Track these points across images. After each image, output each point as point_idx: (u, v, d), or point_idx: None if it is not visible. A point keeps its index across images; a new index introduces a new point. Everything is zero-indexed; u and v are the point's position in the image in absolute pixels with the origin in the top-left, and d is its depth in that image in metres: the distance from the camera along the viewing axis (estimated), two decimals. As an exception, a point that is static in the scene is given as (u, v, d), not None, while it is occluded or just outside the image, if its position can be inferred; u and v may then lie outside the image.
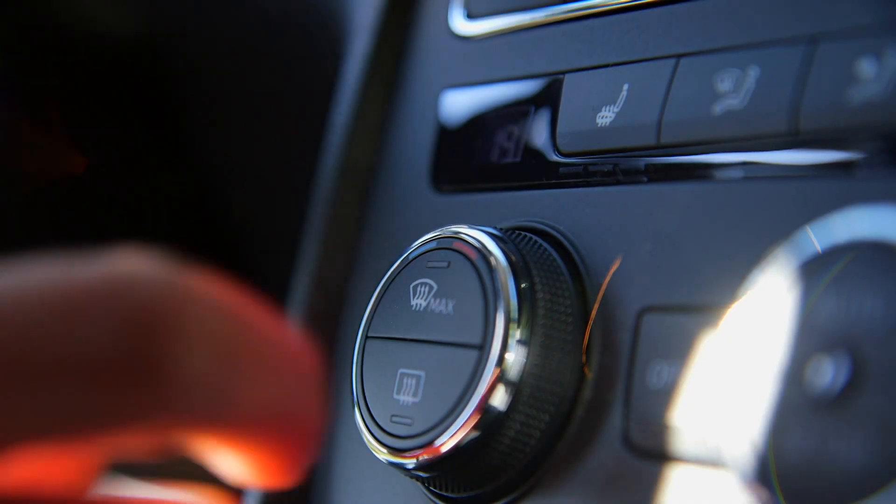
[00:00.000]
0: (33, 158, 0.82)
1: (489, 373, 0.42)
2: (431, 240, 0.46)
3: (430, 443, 0.43)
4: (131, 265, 0.32)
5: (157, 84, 0.83)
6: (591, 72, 0.48)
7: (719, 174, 0.42)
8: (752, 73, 0.42)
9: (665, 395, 0.41)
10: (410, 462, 0.44)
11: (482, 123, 0.52)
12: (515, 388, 0.43)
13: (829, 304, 0.36)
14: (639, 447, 0.41)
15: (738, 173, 0.42)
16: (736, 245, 0.41)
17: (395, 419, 0.45)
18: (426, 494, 0.48)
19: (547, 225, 0.47)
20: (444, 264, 0.45)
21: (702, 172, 0.43)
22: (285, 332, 0.35)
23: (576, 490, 0.43)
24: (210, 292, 0.32)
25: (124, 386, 0.31)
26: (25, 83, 0.81)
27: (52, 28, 0.80)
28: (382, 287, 0.47)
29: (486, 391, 0.42)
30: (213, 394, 0.32)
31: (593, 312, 0.44)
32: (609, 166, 0.46)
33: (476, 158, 0.52)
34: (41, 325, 0.31)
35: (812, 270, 0.37)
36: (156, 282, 0.31)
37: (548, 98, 0.49)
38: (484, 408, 0.42)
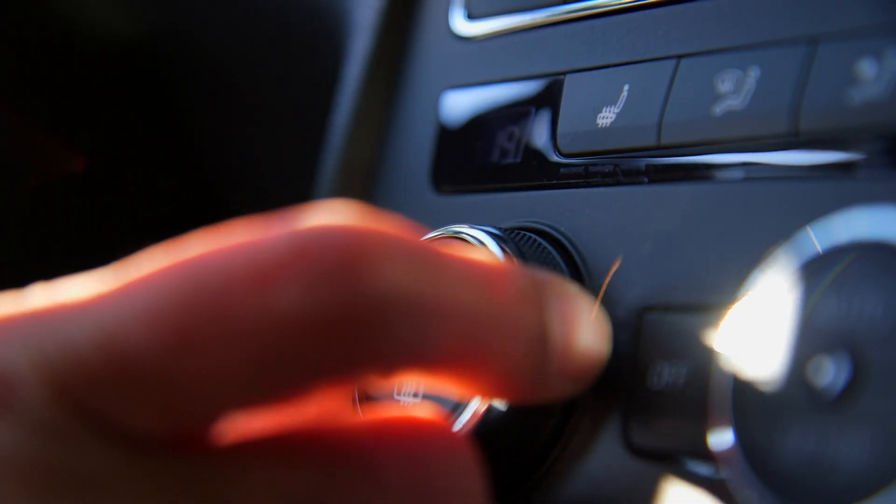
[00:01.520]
0: (33, 158, 0.82)
1: (490, 373, 0.42)
2: (432, 240, 0.46)
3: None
4: (316, 224, 0.32)
5: (156, 84, 0.83)
6: (591, 72, 0.48)
7: (720, 175, 0.42)
8: (753, 74, 0.42)
9: (665, 395, 0.41)
10: (411, 462, 0.44)
11: (483, 124, 0.52)
12: (516, 389, 0.43)
13: (830, 304, 0.36)
14: (639, 447, 0.41)
15: (738, 174, 0.42)
16: (736, 245, 0.41)
17: (395, 419, 0.45)
18: (426, 494, 0.48)
19: (547, 225, 0.47)
20: (445, 264, 0.45)
21: (702, 173, 0.43)
22: (482, 264, 0.35)
23: (576, 490, 0.43)
24: (398, 237, 0.33)
25: (331, 340, 0.31)
26: (25, 83, 0.81)
27: (52, 28, 0.80)
28: (383, 287, 0.47)
29: (486, 391, 0.42)
30: (419, 334, 0.32)
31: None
32: (610, 167, 0.46)
33: (476, 159, 0.52)
34: (238, 293, 0.31)
35: (813, 271, 0.37)
36: (345, 235, 0.32)
37: (548, 98, 0.49)
38: (484, 408, 0.42)
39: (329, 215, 0.33)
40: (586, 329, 0.38)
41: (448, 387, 0.36)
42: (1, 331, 0.32)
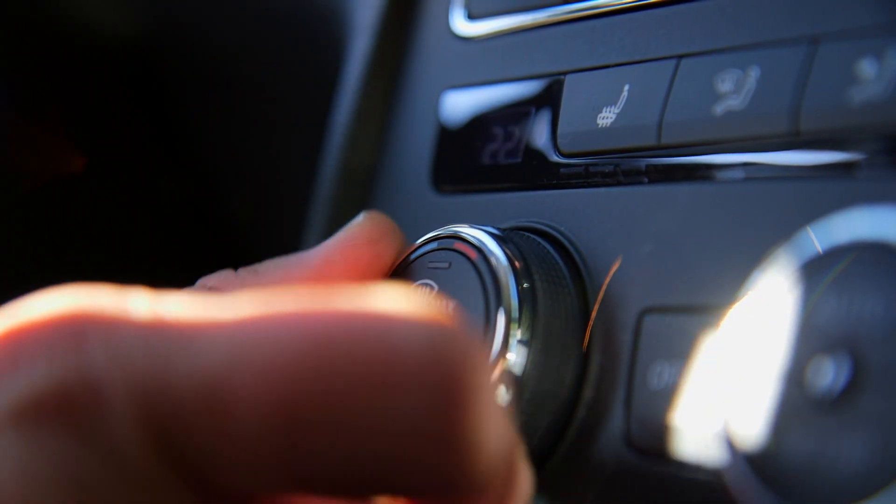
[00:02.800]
0: (33, 158, 0.82)
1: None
2: (432, 240, 0.46)
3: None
4: (440, 335, 0.30)
5: (157, 84, 0.83)
6: (591, 72, 0.48)
7: (720, 175, 0.42)
8: (753, 74, 0.42)
9: (666, 395, 0.41)
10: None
11: (483, 124, 0.52)
12: (516, 389, 0.43)
13: (830, 304, 0.36)
14: (639, 447, 0.41)
15: (738, 174, 0.42)
16: (737, 245, 0.41)
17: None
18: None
19: (548, 225, 0.47)
20: (445, 265, 0.45)
21: (702, 173, 0.43)
22: None
23: (577, 490, 0.43)
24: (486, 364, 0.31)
25: (425, 457, 0.29)
26: (26, 83, 0.81)
27: (52, 28, 0.80)
28: (383, 287, 0.47)
29: (486, 391, 0.42)
30: (497, 472, 0.31)
31: (594, 313, 0.44)
32: (610, 167, 0.46)
33: (477, 159, 0.52)
34: (363, 384, 0.29)
35: (813, 271, 0.37)
36: (464, 355, 0.30)
37: (549, 99, 0.49)
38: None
39: (444, 316, 0.31)
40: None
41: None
42: (105, 337, 0.29)
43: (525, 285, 0.44)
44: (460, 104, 0.54)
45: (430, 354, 0.29)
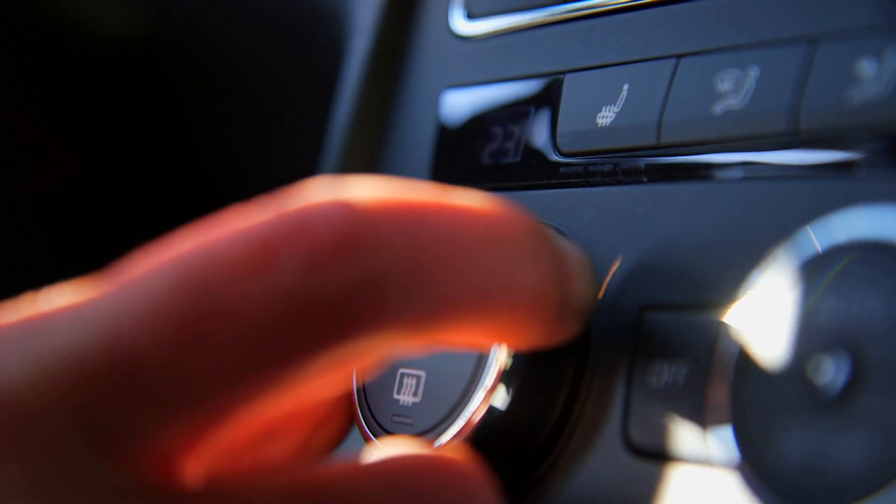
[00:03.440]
0: (33, 158, 0.82)
1: (489, 373, 0.42)
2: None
3: (431, 443, 0.43)
4: (309, 201, 0.31)
5: (155, 85, 0.83)
6: (591, 72, 0.48)
7: (719, 174, 0.42)
8: (753, 73, 0.42)
9: (665, 394, 0.41)
10: (411, 462, 0.44)
11: (482, 123, 0.52)
12: (516, 389, 0.43)
13: (830, 303, 0.36)
14: (639, 447, 0.41)
15: (738, 173, 0.42)
16: (736, 245, 0.41)
17: (395, 419, 0.45)
18: (426, 494, 0.48)
19: (547, 225, 0.47)
20: (445, 264, 0.45)
21: (702, 172, 0.43)
22: (486, 214, 0.35)
23: (576, 490, 0.43)
24: (395, 203, 0.32)
25: (337, 312, 0.30)
26: (25, 83, 0.81)
27: (51, 28, 0.80)
28: (383, 287, 0.47)
29: (486, 391, 0.42)
30: (427, 298, 0.32)
31: (593, 312, 0.44)
32: (609, 166, 0.46)
33: (476, 158, 0.52)
34: (238, 278, 0.30)
35: (812, 270, 0.37)
36: (340, 208, 0.31)
37: (548, 98, 0.49)
38: (484, 408, 0.42)
39: (319, 191, 0.33)
40: (581, 269, 0.38)
41: (457, 341, 0.35)
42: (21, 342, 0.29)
43: (524, 285, 0.44)
44: (460, 104, 0.54)
45: (289, 231, 0.31)
